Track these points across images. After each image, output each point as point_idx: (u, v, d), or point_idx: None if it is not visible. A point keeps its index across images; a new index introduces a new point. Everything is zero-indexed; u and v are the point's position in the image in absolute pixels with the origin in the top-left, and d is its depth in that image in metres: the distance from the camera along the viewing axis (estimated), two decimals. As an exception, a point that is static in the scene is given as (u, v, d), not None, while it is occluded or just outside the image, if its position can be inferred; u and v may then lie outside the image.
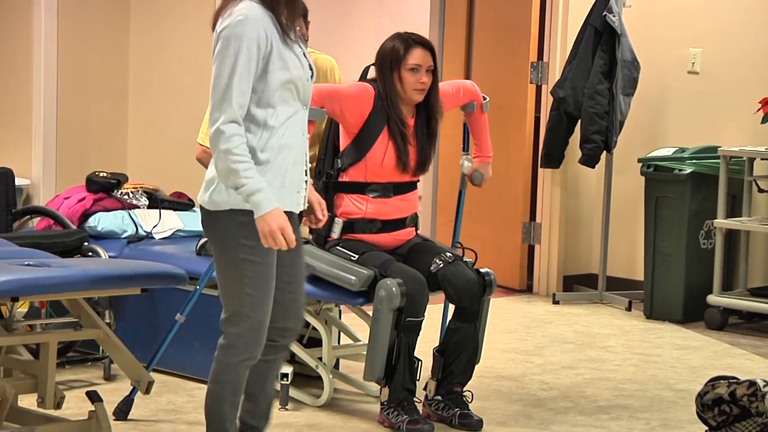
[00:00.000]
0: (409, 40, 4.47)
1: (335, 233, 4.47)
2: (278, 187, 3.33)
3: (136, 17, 6.69)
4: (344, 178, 4.48)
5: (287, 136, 3.37)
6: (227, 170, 3.25)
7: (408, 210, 4.53)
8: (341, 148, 4.50)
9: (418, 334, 4.36)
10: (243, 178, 3.23)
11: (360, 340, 4.95)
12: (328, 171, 4.51)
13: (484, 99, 4.78)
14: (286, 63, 3.35)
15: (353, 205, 4.46)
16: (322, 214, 3.67)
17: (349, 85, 4.53)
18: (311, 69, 3.48)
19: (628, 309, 6.86)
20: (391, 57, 4.44)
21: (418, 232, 4.63)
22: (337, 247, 4.45)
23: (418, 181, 4.63)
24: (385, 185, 4.46)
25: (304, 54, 3.46)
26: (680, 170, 6.58)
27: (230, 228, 3.36)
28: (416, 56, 4.43)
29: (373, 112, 4.41)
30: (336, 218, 4.47)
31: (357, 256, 4.39)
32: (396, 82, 4.42)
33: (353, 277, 4.35)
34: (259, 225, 3.27)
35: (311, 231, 4.51)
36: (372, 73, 4.54)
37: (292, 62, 3.37)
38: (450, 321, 4.50)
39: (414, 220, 4.58)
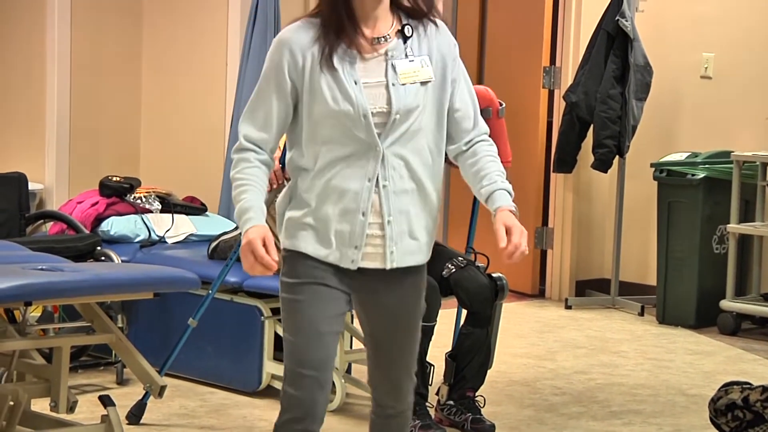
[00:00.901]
0: None
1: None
2: (321, 238, 2.83)
3: (148, 23, 6.71)
4: None
5: (337, 180, 2.82)
6: (233, 199, 2.88)
7: None
8: None
9: (430, 339, 4.35)
10: (236, 202, 2.84)
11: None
12: None
13: (501, 105, 4.77)
14: (325, 94, 2.80)
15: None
16: None
17: None
18: (390, 96, 2.82)
19: (641, 314, 6.84)
20: None
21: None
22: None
23: None
24: None
25: (386, 74, 2.83)
26: (693, 175, 6.57)
27: (286, 266, 2.92)
28: None
29: None
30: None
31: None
32: None
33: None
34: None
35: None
36: None
37: (337, 92, 2.79)
38: (462, 326, 4.50)
39: None
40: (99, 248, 5.11)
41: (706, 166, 6.63)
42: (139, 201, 5.59)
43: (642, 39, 6.85)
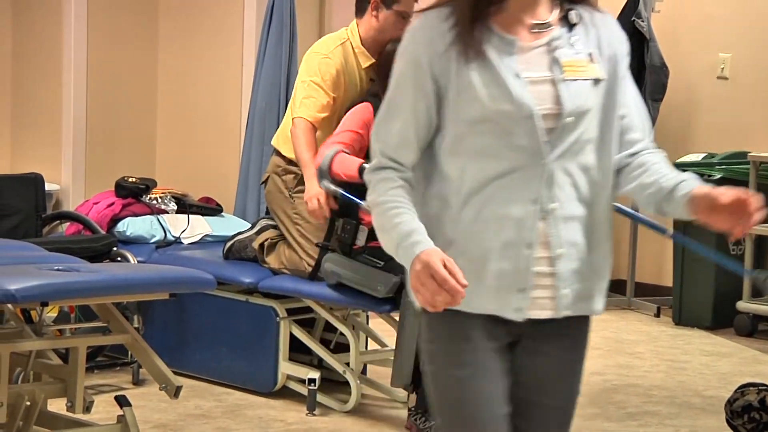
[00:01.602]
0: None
1: (360, 241, 4.47)
2: (474, 280, 2.19)
3: (164, 24, 6.72)
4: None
5: (493, 206, 2.23)
6: (379, 227, 2.30)
7: None
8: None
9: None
10: (388, 228, 2.26)
11: (387, 346, 4.95)
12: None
13: None
14: (477, 90, 2.22)
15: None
16: None
17: (351, 118, 4.50)
18: (558, 94, 2.24)
19: (657, 315, 6.83)
20: (393, 62, 4.45)
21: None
22: (363, 255, 4.45)
23: None
24: None
25: (551, 68, 2.26)
26: (710, 176, 6.55)
27: (431, 330, 2.36)
28: (406, 3, 4.57)
29: None
30: (361, 226, 4.47)
31: (383, 263, 4.39)
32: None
33: (379, 285, 4.34)
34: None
35: (338, 240, 4.52)
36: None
37: (494, 87, 2.22)
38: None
39: None
40: (115, 249, 5.12)
41: (723, 166, 6.61)
42: (155, 202, 5.60)
43: (658, 39, 6.84)
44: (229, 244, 5.07)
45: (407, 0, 4.47)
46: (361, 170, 4.18)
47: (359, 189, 4.19)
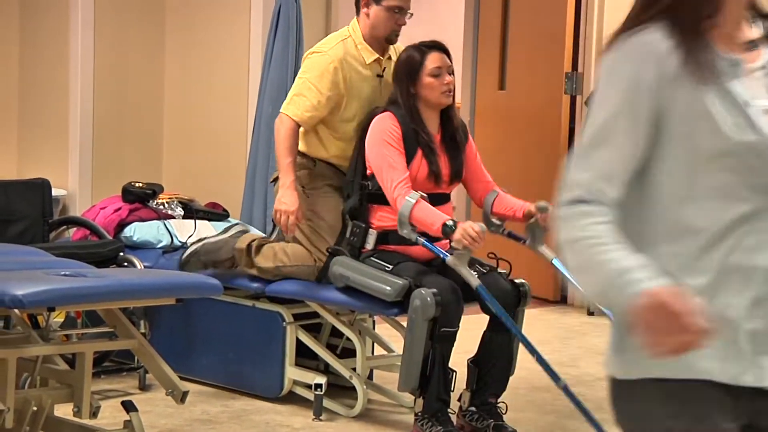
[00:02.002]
0: (422, 47, 4.50)
1: (369, 244, 4.47)
2: (723, 342, 1.89)
3: (171, 30, 6.73)
4: (378, 189, 4.48)
5: (739, 255, 1.92)
6: (577, 267, 1.94)
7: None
8: (369, 170, 4.48)
9: (452, 345, 4.34)
10: (595, 266, 1.90)
11: (394, 351, 4.95)
12: (362, 182, 4.51)
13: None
14: (718, 119, 1.91)
15: (388, 217, 4.46)
16: None
17: (379, 132, 4.46)
18: None
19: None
20: (408, 68, 4.45)
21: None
22: (372, 258, 4.45)
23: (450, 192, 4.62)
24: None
25: None
26: None
27: (650, 405, 1.96)
28: (434, 59, 4.44)
29: (403, 135, 4.41)
30: (370, 229, 4.47)
31: (391, 267, 4.39)
32: (421, 91, 4.41)
33: (388, 288, 4.34)
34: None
35: (347, 243, 4.52)
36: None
37: (739, 116, 1.92)
38: (485, 332, 4.49)
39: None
40: (122, 254, 5.13)
41: None
42: (161, 207, 5.60)
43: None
44: (193, 248, 4.99)
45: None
46: (444, 228, 4.20)
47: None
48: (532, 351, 4.11)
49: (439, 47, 4.48)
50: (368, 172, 4.48)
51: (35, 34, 6.55)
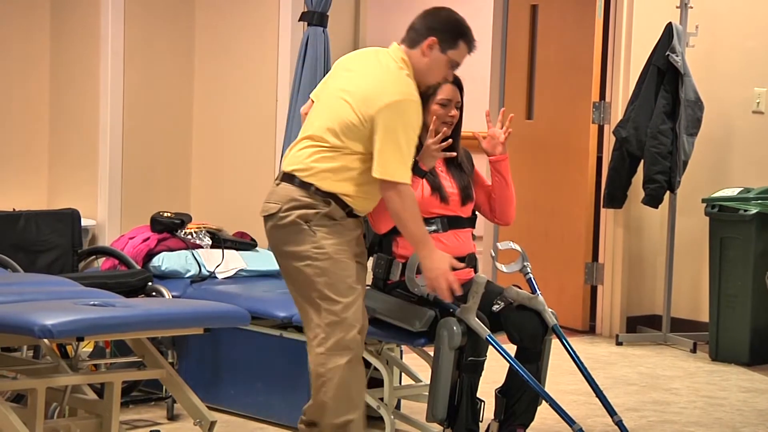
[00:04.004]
0: None
1: (394, 275, 4.46)
2: None
3: (199, 60, 6.77)
4: None
5: None
6: None
7: (463, 249, 4.50)
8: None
9: (480, 374, 4.33)
10: None
11: (422, 381, 4.93)
12: None
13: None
14: None
15: (410, 246, 4.45)
16: None
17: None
18: None
19: (693, 351, 6.78)
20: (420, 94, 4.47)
21: (478, 273, 4.60)
22: (397, 290, 4.45)
23: (475, 218, 4.61)
24: (437, 219, 4.44)
25: None
26: (745, 210, 6.51)
27: None
28: (446, 91, 4.46)
29: None
30: (395, 260, 4.47)
31: (417, 297, 4.39)
32: (426, 117, 4.40)
33: (415, 318, 4.33)
34: None
35: (373, 275, 4.51)
36: None
37: None
38: (512, 362, 4.47)
39: (472, 261, 4.56)
40: (150, 284, 5.15)
41: (759, 201, 6.57)
42: (189, 236, 5.62)
43: (693, 74, 6.82)
44: None
45: (461, 51, 4.24)
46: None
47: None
48: (546, 397, 4.24)
49: (454, 81, 4.50)
50: None
51: (65, 66, 6.60)
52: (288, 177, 4.03)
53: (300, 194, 3.98)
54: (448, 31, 4.11)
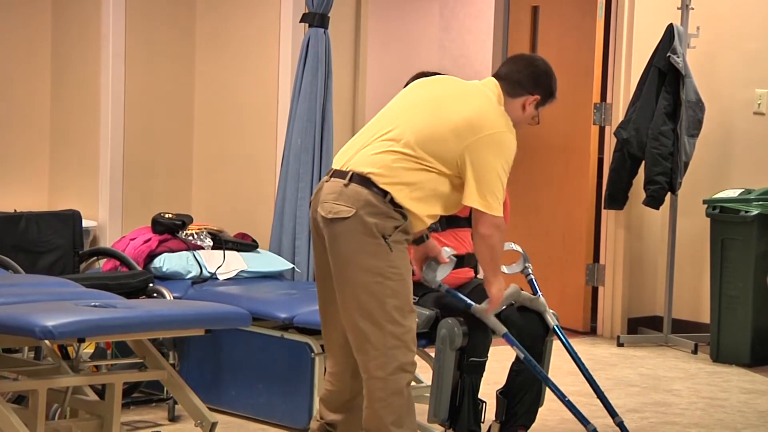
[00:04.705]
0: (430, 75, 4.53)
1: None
2: None
3: (200, 61, 6.77)
4: None
5: None
6: None
7: (462, 248, 4.50)
8: None
9: (481, 375, 4.33)
10: None
11: (423, 382, 4.93)
12: None
13: None
14: None
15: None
16: None
17: None
18: None
19: (694, 352, 6.77)
20: None
21: (479, 275, 4.60)
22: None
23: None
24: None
25: None
26: (746, 212, 6.51)
27: None
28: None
29: None
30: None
31: (417, 298, 4.38)
32: None
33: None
34: None
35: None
36: None
37: None
38: (513, 362, 4.48)
39: (471, 261, 4.56)
40: (151, 285, 5.15)
41: (760, 202, 6.57)
42: (191, 238, 5.62)
43: (694, 75, 6.82)
44: None
45: (545, 108, 4.10)
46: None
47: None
48: (561, 396, 4.20)
49: None
50: None
51: (67, 67, 6.60)
52: (362, 179, 3.77)
53: (377, 201, 3.75)
54: (549, 92, 4.05)
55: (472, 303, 4.25)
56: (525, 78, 4.02)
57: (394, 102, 4.00)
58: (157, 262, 5.42)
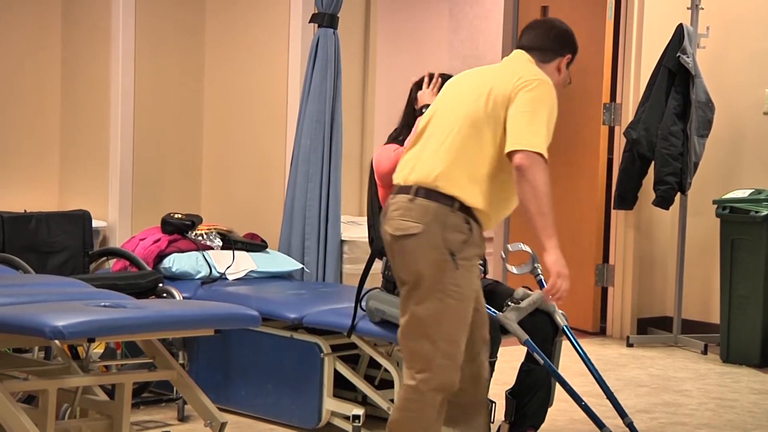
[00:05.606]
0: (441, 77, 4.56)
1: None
2: None
3: (210, 64, 6.77)
4: None
5: None
6: None
7: None
8: (383, 203, 4.51)
9: (491, 376, 4.33)
10: None
11: (432, 383, 4.93)
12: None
13: None
14: None
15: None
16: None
17: (385, 159, 4.52)
18: None
19: (704, 352, 6.76)
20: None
21: (488, 275, 4.60)
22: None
23: None
24: None
25: None
26: (756, 212, 6.50)
27: None
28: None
29: None
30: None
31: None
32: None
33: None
34: None
35: (383, 278, 4.51)
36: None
37: None
38: (522, 363, 4.48)
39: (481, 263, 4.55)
40: (161, 285, 5.16)
41: (770, 202, 6.56)
42: (200, 238, 5.63)
43: (703, 75, 6.81)
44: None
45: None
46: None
47: None
48: (578, 399, 4.19)
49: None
50: (383, 204, 4.50)
51: (76, 68, 6.62)
52: (427, 192, 3.69)
53: (445, 212, 3.67)
54: (575, 48, 3.99)
55: (496, 312, 4.25)
56: (552, 41, 3.96)
57: (437, 105, 3.91)
58: (167, 262, 5.43)
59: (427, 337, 3.68)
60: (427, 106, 4.34)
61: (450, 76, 4.48)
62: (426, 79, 4.61)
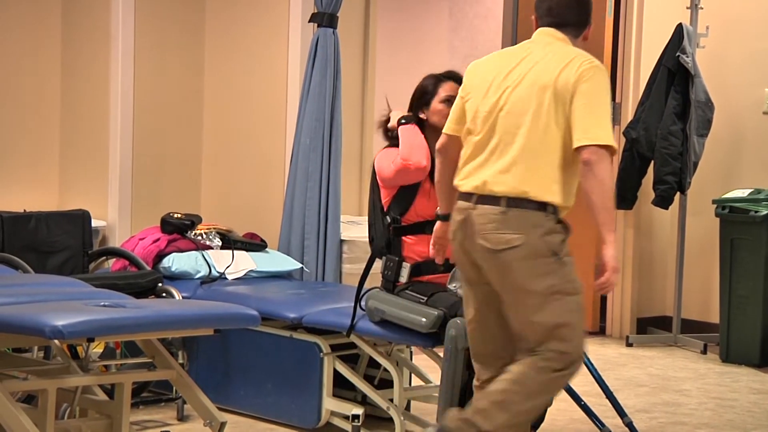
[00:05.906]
0: (439, 76, 4.58)
1: (403, 277, 4.47)
2: None
3: (210, 61, 6.77)
4: (402, 222, 4.51)
5: None
6: None
7: None
8: (385, 205, 4.52)
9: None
10: None
11: (431, 382, 4.93)
12: (395, 216, 4.51)
13: None
14: None
15: (418, 247, 4.47)
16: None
17: (386, 167, 4.51)
18: None
19: (704, 352, 6.76)
20: (421, 95, 4.56)
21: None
22: (406, 291, 4.45)
23: None
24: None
25: None
26: (756, 212, 6.50)
27: None
28: (448, 88, 4.51)
29: None
30: (404, 263, 4.47)
31: (426, 299, 4.39)
32: (430, 117, 4.50)
33: (423, 319, 4.34)
34: None
35: (382, 277, 4.52)
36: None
37: None
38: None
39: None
40: (160, 285, 5.16)
41: (770, 202, 6.56)
42: (199, 237, 5.63)
43: (703, 75, 6.81)
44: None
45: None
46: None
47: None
48: (577, 399, 4.18)
49: (454, 77, 4.53)
50: (384, 204, 4.51)
51: (76, 67, 6.62)
52: (518, 201, 3.66)
53: (541, 219, 3.69)
54: (590, 20, 3.89)
55: None
56: (580, 13, 3.86)
57: (478, 101, 3.78)
58: (166, 261, 5.43)
59: (553, 336, 3.66)
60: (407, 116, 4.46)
61: (456, 74, 4.49)
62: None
